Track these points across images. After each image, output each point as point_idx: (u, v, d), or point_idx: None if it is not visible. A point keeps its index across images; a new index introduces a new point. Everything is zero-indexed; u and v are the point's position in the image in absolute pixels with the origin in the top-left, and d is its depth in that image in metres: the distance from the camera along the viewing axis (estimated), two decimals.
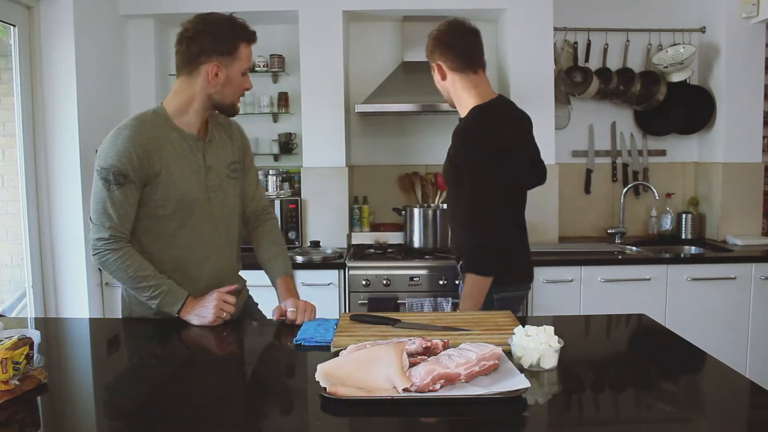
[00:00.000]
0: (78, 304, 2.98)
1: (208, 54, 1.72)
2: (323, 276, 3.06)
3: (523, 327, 1.40)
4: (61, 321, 2.47)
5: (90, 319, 2.78)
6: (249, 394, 1.35)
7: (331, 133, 3.42)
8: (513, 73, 3.41)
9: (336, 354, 1.35)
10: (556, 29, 3.51)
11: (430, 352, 1.30)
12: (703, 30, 3.65)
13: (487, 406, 1.16)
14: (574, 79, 3.65)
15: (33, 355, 1.27)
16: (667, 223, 3.72)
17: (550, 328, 1.38)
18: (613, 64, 3.70)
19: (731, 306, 3.07)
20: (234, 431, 1.13)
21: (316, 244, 3.38)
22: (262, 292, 2.06)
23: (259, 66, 3.53)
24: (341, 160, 3.43)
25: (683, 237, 3.69)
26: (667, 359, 1.52)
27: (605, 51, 3.70)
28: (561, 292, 3.04)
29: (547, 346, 1.34)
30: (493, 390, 1.17)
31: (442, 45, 2.08)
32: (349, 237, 3.51)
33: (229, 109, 1.83)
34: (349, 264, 3.07)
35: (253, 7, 3.31)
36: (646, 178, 3.78)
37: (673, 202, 3.78)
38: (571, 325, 1.84)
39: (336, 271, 3.07)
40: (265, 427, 1.20)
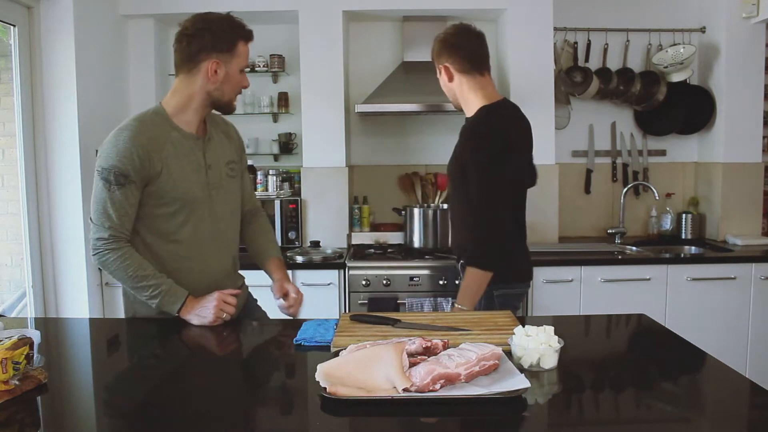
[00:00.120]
0: (78, 304, 2.99)
1: (208, 51, 1.74)
2: (323, 276, 3.06)
3: (523, 327, 1.40)
4: (61, 321, 2.48)
5: (90, 319, 2.78)
6: (249, 394, 1.35)
7: (331, 133, 3.42)
8: (513, 73, 3.41)
9: (336, 354, 1.35)
10: (556, 29, 3.51)
11: (430, 352, 1.30)
12: (703, 30, 3.65)
13: (487, 406, 1.16)
14: (574, 79, 3.65)
15: (33, 355, 1.27)
16: (667, 223, 3.72)
17: (550, 328, 1.38)
18: (613, 64, 3.70)
19: (731, 306, 3.07)
20: (234, 431, 1.13)
21: (316, 244, 3.38)
22: (262, 292, 2.06)
23: (259, 66, 3.53)
24: (341, 160, 3.43)
25: (683, 237, 3.69)
26: (667, 359, 1.52)
27: (605, 51, 3.70)
28: (561, 292, 3.04)
29: (547, 346, 1.34)
30: (493, 390, 1.17)
31: (450, 47, 2.11)
32: (349, 237, 3.51)
33: (227, 107, 1.86)
34: (349, 264, 3.07)
35: (253, 7, 3.31)
36: (646, 178, 3.78)
37: (673, 202, 3.78)
38: (571, 325, 1.84)
39: (336, 271, 3.07)
40: (265, 427, 1.20)
